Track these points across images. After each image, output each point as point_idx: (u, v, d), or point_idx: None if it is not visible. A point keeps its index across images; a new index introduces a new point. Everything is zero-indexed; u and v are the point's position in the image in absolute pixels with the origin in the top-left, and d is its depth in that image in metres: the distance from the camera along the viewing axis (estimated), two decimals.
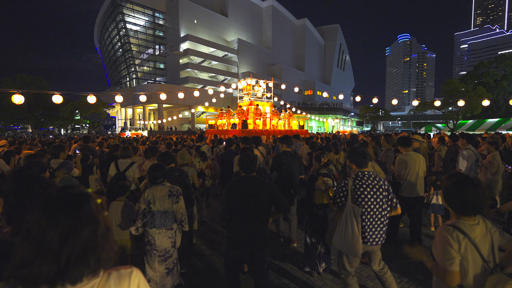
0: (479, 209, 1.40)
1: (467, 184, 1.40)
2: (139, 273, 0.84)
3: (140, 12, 48.15)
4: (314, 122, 51.57)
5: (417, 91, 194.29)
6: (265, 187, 2.32)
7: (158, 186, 2.56)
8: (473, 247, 1.36)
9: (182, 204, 2.62)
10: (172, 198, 2.56)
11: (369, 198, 2.32)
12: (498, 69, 33.05)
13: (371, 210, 2.32)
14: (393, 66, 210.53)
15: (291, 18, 63.36)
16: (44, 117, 32.16)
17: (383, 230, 2.38)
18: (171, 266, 2.60)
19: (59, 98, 8.12)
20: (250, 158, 2.36)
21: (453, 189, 1.43)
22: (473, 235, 1.38)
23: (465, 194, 1.39)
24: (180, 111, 37.67)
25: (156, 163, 2.67)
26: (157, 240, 2.51)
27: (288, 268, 3.40)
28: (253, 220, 2.27)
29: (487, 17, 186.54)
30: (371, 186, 2.34)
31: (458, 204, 1.42)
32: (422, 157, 3.85)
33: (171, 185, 2.64)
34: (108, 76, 62.06)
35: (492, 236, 1.42)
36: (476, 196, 1.38)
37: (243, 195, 2.25)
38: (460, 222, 1.42)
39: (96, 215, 0.75)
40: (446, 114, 29.52)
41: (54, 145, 4.27)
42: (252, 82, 16.41)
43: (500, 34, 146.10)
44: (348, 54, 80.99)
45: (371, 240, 2.34)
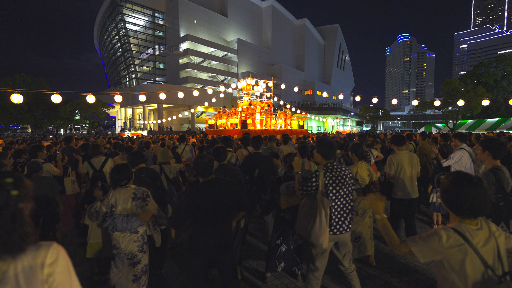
0: (479, 211, 1.27)
1: (465, 183, 1.28)
2: (61, 250, 0.83)
3: (139, 12, 48.13)
4: (314, 122, 51.60)
5: (417, 91, 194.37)
6: (227, 188, 2.23)
7: (122, 189, 2.44)
8: (475, 254, 1.23)
9: (151, 206, 2.49)
10: (137, 201, 2.42)
11: (338, 190, 2.33)
12: (498, 69, 33.08)
13: (338, 201, 2.33)
14: (392, 66, 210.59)
15: (291, 18, 63.37)
16: (43, 117, 32.12)
17: (350, 217, 2.41)
18: (139, 274, 2.46)
19: (58, 97, 8.10)
20: (205, 161, 2.23)
21: (450, 189, 1.32)
22: (476, 241, 1.25)
23: (463, 194, 1.27)
24: (180, 111, 37.64)
25: (120, 164, 2.57)
26: (121, 243, 2.40)
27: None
28: (216, 224, 2.19)
29: (486, 17, 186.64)
30: (339, 177, 2.35)
31: (455, 205, 1.32)
32: (416, 157, 3.73)
33: (136, 187, 2.51)
34: (108, 76, 62.03)
35: (497, 240, 1.29)
36: (475, 196, 1.25)
37: (206, 201, 2.15)
38: (462, 226, 1.30)
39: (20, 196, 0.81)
40: (446, 114, 29.55)
41: (32, 145, 4.29)
42: (252, 82, 16.42)
43: (499, 34, 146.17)
44: (348, 54, 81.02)
45: (341, 229, 2.34)
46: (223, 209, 2.21)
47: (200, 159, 2.26)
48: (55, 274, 0.78)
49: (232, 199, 2.25)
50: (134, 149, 4.70)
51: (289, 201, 2.95)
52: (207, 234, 2.18)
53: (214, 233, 2.19)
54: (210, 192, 2.19)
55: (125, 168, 2.51)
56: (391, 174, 3.66)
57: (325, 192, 2.32)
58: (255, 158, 3.85)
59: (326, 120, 39.50)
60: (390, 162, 3.67)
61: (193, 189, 2.25)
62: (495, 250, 1.27)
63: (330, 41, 71.43)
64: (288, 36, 62.58)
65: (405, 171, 3.58)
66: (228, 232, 2.29)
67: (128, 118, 47.85)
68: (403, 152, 3.71)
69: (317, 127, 53.13)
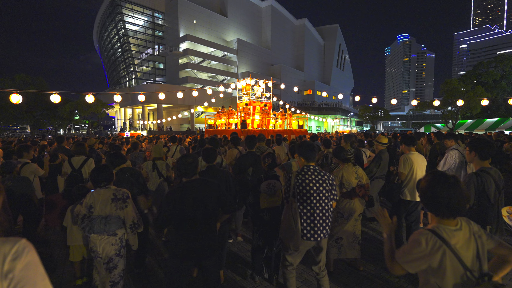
0: (456, 210, 1.27)
1: (441, 182, 1.27)
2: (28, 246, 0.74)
3: (139, 12, 48.11)
4: (314, 122, 51.60)
5: (417, 91, 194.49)
6: (210, 189, 2.16)
7: (102, 190, 2.39)
8: (453, 255, 1.23)
9: (130, 208, 2.43)
10: (117, 203, 2.36)
11: (312, 193, 2.26)
12: (497, 69, 33.12)
13: (314, 205, 2.26)
14: (392, 66, 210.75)
15: (290, 18, 63.38)
16: (43, 117, 32.12)
17: (327, 224, 2.31)
18: (117, 279, 2.40)
19: (58, 97, 8.10)
20: (188, 161, 2.16)
21: (426, 189, 1.32)
22: (454, 241, 1.25)
23: (439, 194, 1.26)
24: (180, 111, 37.64)
25: (101, 165, 2.54)
26: (99, 246, 2.35)
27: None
28: (199, 227, 2.10)
29: (486, 17, 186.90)
30: (314, 181, 2.28)
31: (432, 206, 1.31)
32: (424, 159, 3.67)
33: (117, 188, 2.45)
34: (108, 76, 62.00)
35: (477, 241, 1.28)
36: (451, 196, 1.24)
37: (187, 202, 2.07)
38: (440, 227, 1.30)
39: None
40: (445, 114, 29.58)
41: (19, 145, 4.31)
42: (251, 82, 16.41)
43: (499, 34, 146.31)
44: (347, 54, 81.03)
45: (315, 236, 2.27)
46: (206, 211, 2.11)
47: (183, 158, 2.19)
48: (15, 270, 0.69)
49: (215, 201, 2.16)
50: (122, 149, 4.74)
51: (269, 200, 2.90)
52: (189, 237, 2.09)
53: (196, 236, 2.10)
54: (191, 193, 2.10)
55: (105, 169, 2.47)
56: (404, 174, 3.52)
57: (298, 194, 2.27)
58: (248, 157, 3.82)
59: (325, 120, 39.47)
60: (405, 161, 3.54)
61: (174, 189, 2.18)
62: (474, 251, 1.26)
63: (329, 41, 71.44)
64: (288, 36, 62.59)
65: (417, 173, 3.50)
66: (212, 236, 2.18)
67: (128, 118, 47.83)
68: (416, 153, 3.62)
69: (316, 127, 53.13)
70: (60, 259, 3.62)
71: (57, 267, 3.42)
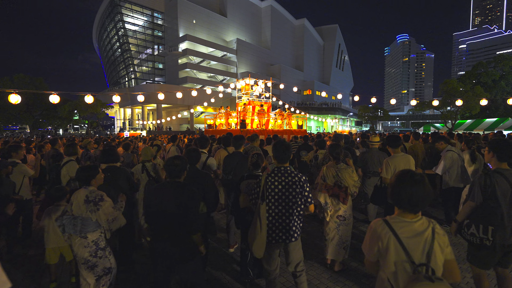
0: (416, 206, 1.38)
1: (406, 179, 1.39)
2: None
3: (138, 12, 48.09)
4: (314, 122, 51.62)
5: (416, 91, 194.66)
6: (189, 192, 2.13)
7: (81, 190, 2.39)
8: (397, 242, 1.36)
9: (103, 212, 2.34)
10: (88, 205, 2.31)
11: (280, 196, 2.22)
12: (497, 69, 33.16)
13: (281, 207, 2.23)
14: (392, 66, 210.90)
15: (290, 18, 63.39)
16: (42, 117, 32.09)
17: (295, 227, 2.28)
18: (101, 273, 2.39)
19: (56, 98, 8.09)
20: (175, 163, 2.17)
21: (393, 183, 1.45)
22: (401, 231, 1.38)
23: (403, 190, 1.38)
24: (179, 111, 37.63)
25: (85, 165, 2.52)
26: (74, 246, 2.33)
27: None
28: (174, 230, 2.07)
29: (485, 17, 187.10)
30: (284, 182, 2.23)
31: (394, 198, 1.44)
32: (411, 159, 3.59)
33: (93, 189, 2.41)
34: (107, 76, 61.96)
35: (434, 242, 1.35)
36: (413, 192, 1.36)
37: (165, 204, 2.06)
38: (396, 217, 1.45)
39: None
40: (444, 114, 29.61)
41: (8, 146, 4.31)
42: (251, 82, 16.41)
43: (498, 34, 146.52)
44: (347, 54, 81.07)
45: (283, 237, 2.25)
46: (185, 214, 2.06)
47: (171, 160, 2.19)
48: None
49: (195, 204, 2.13)
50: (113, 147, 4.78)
51: (247, 199, 2.83)
52: (166, 241, 2.06)
53: (173, 240, 2.06)
54: (170, 195, 2.08)
55: (87, 169, 2.46)
56: (387, 179, 3.45)
57: (266, 196, 2.22)
58: (234, 157, 3.83)
59: (325, 120, 39.49)
60: (387, 166, 3.46)
61: (151, 189, 2.17)
62: (425, 247, 1.35)
63: (329, 41, 71.48)
64: (287, 36, 62.61)
65: None
66: (191, 240, 2.14)
67: (127, 118, 47.81)
68: (400, 154, 3.55)
69: (316, 127, 53.16)
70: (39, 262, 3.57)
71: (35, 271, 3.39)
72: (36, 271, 3.35)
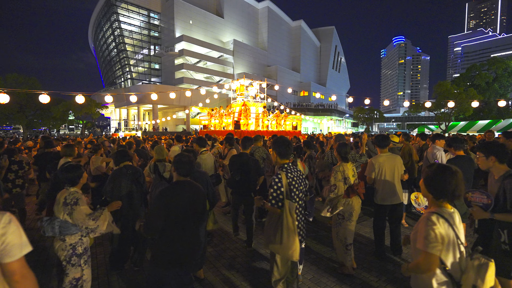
0: (456, 195, 1.47)
1: (446, 171, 1.47)
2: (13, 218, 1.09)
3: (135, 12, 47.87)
4: (310, 123, 51.77)
5: (412, 93, 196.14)
6: (199, 190, 2.17)
7: (64, 191, 2.35)
8: (454, 233, 1.44)
9: (76, 214, 2.26)
10: (65, 207, 2.26)
11: (300, 191, 2.23)
12: (490, 72, 33.55)
13: (299, 204, 2.20)
14: (388, 68, 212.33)
15: (286, 19, 63.56)
16: (36, 117, 31.72)
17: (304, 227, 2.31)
18: (67, 286, 2.28)
19: (46, 98, 8.00)
20: (184, 160, 2.14)
21: (433, 176, 1.50)
22: (452, 222, 1.47)
23: (444, 180, 1.46)
24: (175, 112, 37.49)
25: (68, 165, 2.44)
26: (54, 249, 2.31)
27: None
28: (186, 229, 2.05)
29: (480, 20, 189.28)
30: (296, 178, 2.24)
31: (437, 190, 1.49)
32: (399, 159, 3.48)
33: (72, 191, 2.34)
34: (103, 76, 61.55)
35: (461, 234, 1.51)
36: (454, 182, 1.45)
37: (179, 203, 2.02)
38: (441, 210, 1.50)
39: None
40: (438, 116, 29.86)
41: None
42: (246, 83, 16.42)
43: (493, 37, 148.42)
44: (343, 56, 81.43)
45: (304, 236, 2.23)
46: (196, 212, 2.09)
47: (181, 157, 2.17)
48: (7, 234, 1.05)
49: (203, 202, 2.17)
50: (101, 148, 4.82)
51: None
52: (177, 240, 2.01)
53: (185, 239, 2.04)
54: (183, 193, 2.07)
55: (70, 169, 2.38)
56: (370, 178, 3.38)
57: (290, 195, 2.16)
58: (240, 158, 3.89)
59: (321, 121, 39.63)
60: (370, 166, 3.39)
61: (165, 189, 2.12)
62: (463, 230, 1.51)
63: (325, 43, 71.76)
64: (284, 37, 62.74)
65: (386, 175, 3.32)
66: (200, 239, 2.15)
67: (123, 118, 47.51)
68: (385, 154, 3.42)
69: (312, 128, 53.29)
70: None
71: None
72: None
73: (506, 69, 32.61)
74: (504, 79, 32.86)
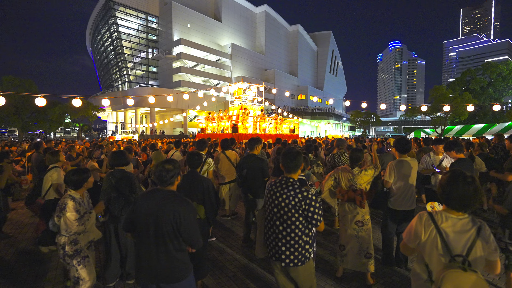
0: (466, 206, 1.44)
1: (459, 180, 1.44)
2: None
3: (133, 15, 48.00)
4: (308, 127, 51.95)
5: (408, 97, 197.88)
6: (168, 207, 1.79)
7: (66, 192, 2.44)
8: (438, 235, 1.45)
9: (62, 219, 2.30)
10: (58, 209, 2.35)
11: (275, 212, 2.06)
12: (484, 76, 34.02)
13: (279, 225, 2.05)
14: (384, 72, 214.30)
15: (284, 24, 64.10)
16: (31, 120, 31.47)
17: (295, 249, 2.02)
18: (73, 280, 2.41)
19: (43, 101, 7.96)
20: (166, 168, 1.89)
21: (444, 183, 1.50)
22: (444, 225, 1.46)
23: (454, 190, 1.44)
24: (173, 115, 37.44)
25: (73, 168, 2.50)
26: None
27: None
28: (154, 244, 1.81)
29: (474, 26, 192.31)
30: (281, 198, 2.02)
31: (444, 197, 1.49)
32: (416, 164, 3.31)
33: (67, 195, 2.38)
34: (100, 79, 61.40)
35: (477, 240, 1.41)
36: (465, 193, 1.41)
37: (143, 213, 1.83)
38: (442, 212, 1.52)
39: None
40: (434, 120, 30.14)
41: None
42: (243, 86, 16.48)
43: (486, 43, 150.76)
44: (340, 60, 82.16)
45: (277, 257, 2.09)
46: (159, 228, 1.79)
47: (161, 164, 1.93)
48: None
49: (171, 221, 1.79)
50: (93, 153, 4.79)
51: None
52: (142, 252, 1.84)
53: (142, 254, 1.83)
54: (144, 203, 1.85)
55: (74, 172, 2.44)
56: (389, 183, 3.24)
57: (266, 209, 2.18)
58: (247, 159, 3.99)
59: (318, 125, 39.82)
60: (391, 170, 3.22)
61: (140, 194, 2.06)
62: (468, 242, 1.42)
63: (323, 47, 72.40)
64: (282, 41, 63.21)
65: (406, 180, 3.19)
66: (174, 258, 1.82)
67: (120, 121, 47.30)
68: (408, 159, 3.26)
69: (310, 131, 53.48)
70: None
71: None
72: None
73: (500, 73, 33.11)
74: (498, 83, 33.34)
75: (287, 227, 2.01)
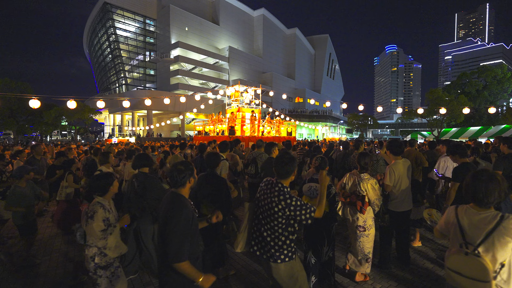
0: (489, 202, 1.52)
1: (483, 177, 1.54)
2: None
3: (130, 18, 48.01)
4: (305, 130, 52.02)
5: (405, 100, 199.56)
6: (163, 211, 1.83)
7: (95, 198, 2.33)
8: (458, 227, 1.61)
9: (88, 229, 2.16)
10: (84, 217, 2.20)
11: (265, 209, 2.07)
12: (480, 80, 34.36)
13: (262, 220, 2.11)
14: (381, 75, 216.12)
15: (281, 27, 64.46)
16: (27, 122, 31.19)
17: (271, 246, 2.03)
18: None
19: (37, 102, 7.87)
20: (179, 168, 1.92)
21: (470, 181, 1.59)
22: (464, 218, 1.60)
23: (478, 187, 1.54)
24: (170, 118, 37.30)
25: (98, 174, 2.44)
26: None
27: None
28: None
29: (469, 30, 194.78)
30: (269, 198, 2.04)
31: (469, 194, 1.60)
32: (407, 165, 3.35)
33: (94, 202, 2.26)
34: (97, 81, 61.21)
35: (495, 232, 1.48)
36: (488, 189, 1.51)
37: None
38: (468, 206, 1.64)
39: None
40: (431, 122, 30.32)
41: None
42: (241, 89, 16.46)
43: (481, 46, 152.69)
44: (337, 63, 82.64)
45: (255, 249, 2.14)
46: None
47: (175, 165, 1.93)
48: None
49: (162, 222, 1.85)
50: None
51: (310, 202, 2.67)
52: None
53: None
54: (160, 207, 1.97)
55: (99, 178, 2.31)
56: (390, 186, 3.25)
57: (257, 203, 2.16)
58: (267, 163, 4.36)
59: (316, 127, 39.86)
60: (391, 173, 3.24)
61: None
62: (484, 234, 1.50)
63: (320, 51, 72.84)
64: (279, 45, 63.51)
65: (404, 182, 3.25)
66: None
67: (117, 124, 47.07)
68: (402, 160, 3.32)
69: (308, 134, 53.56)
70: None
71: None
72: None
73: (495, 77, 33.46)
74: (493, 86, 33.68)
75: (270, 224, 2.03)
